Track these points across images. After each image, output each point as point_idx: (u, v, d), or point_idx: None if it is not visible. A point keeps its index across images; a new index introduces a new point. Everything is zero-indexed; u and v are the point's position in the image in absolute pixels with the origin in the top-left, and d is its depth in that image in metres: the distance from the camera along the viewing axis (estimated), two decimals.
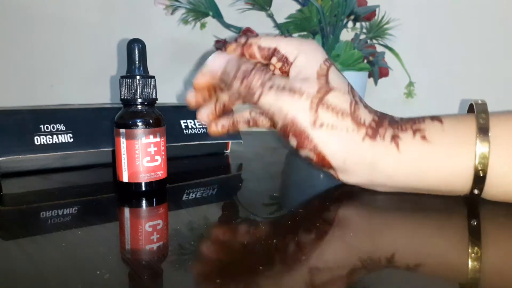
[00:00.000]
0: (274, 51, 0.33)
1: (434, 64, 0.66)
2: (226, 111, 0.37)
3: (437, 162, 0.30)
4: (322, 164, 0.32)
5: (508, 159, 0.29)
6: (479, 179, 0.29)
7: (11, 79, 0.75)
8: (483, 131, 0.29)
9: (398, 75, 0.62)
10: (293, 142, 0.32)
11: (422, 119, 0.31)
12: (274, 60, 0.33)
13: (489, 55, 0.63)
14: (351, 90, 0.32)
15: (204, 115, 0.37)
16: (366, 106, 0.32)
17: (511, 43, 0.62)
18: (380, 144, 0.30)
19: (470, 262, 0.22)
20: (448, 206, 0.31)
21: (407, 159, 0.30)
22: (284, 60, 0.33)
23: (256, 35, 0.34)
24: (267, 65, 0.34)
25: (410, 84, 0.62)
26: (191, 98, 0.36)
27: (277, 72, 0.33)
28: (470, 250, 0.24)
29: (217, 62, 0.33)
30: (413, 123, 0.31)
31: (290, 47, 0.32)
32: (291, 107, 0.31)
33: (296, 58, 0.32)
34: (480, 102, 0.31)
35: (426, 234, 0.26)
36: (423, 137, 0.30)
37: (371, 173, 0.31)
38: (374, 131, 0.31)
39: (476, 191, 0.30)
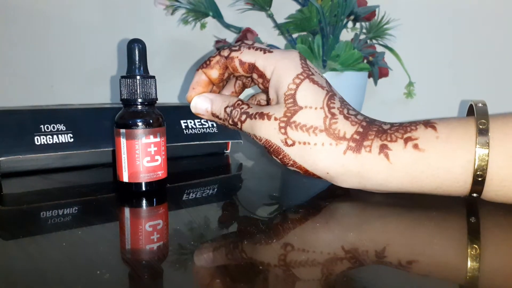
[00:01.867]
0: (254, 68, 0.34)
1: (434, 64, 0.66)
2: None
3: (432, 170, 0.29)
4: (311, 175, 0.33)
5: (507, 163, 0.28)
6: (477, 183, 0.29)
7: (12, 79, 0.75)
8: (482, 136, 0.28)
9: (398, 75, 0.62)
10: (277, 159, 0.33)
11: (414, 125, 0.30)
12: (254, 76, 0.34)
13: (489, 55, 0.63)
14: (328, 104, 0.31)
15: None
16: (347, 118, 0.31)
17: (511, 43, 0.62)
18: (366, 156, 0.30)
19: (468, 261, 0.22)
20: (447, 205, 0.31)
21: (399, 169, 0.30)
22: (263, 77, 0.33)
23: (256, 35, 0.35)
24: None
25: (410, 84, 0.62)
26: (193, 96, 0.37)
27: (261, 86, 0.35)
28: (468, 249, 0.24)
29: (203, 106, 0.36)
30: (404, 132, 0.30)
31: (267, 63, 0.33)
32: (263, 131, 0.32)
33: (271, 76, 0.33)
34: (480, 104, 0.30)
35: (424, 233, 0.26)
36: (415, 146, 0.29)
37: (361, 181, 0.31)
38: (358, 143, 0.30)
39: (474, 195, 0.30)
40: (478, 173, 0.28)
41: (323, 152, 0.31)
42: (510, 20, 0.62)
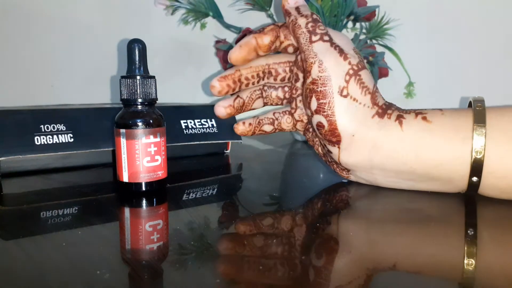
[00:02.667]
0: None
1: (434, 64, 0.66)
2: (244, 109, 0.41)
3: (436, 141, 0.31)
4: (331, 134, 0.33)
5: (505, 141, 0.30)
6: (477, 162, 0.30)
7: (12, 79, 0.75)
8: (479, 116, 0.30)
9: (398, 75, 0.62)
10: (313, 104, 0.34)
11: (423, 109, 0.34)
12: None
13: (489, 55, 0.63)
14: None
15: (222, 107, 0.40)
16: (381, 95, 0.35)
17: (511, 43, 0.62)
18: (386, 122, 0.33)
19: (468, 274, 0.22)
20: (447, 215, 0.31)
21: (408, 137, 0.32)
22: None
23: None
24: None
25: (410, 84, 0.62)
26: (217, 84, 0.38)
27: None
28: (469, 261, 0.24)
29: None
30: (416, 110, 0.34)
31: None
32: (334, 65, 0.33)
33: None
34: (477, 97, 0.33)
35: (424, 239, 0.26)
36: (424, 118, 0.32)
37: (372, 151, 0.33)
38: (383, 111, 0.33)
39: (474, 179, 0.30)
40: (477, 150, 0.30)
41: (362, 112, 0.33)
42: (510, 20, 0.62)
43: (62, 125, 0.41)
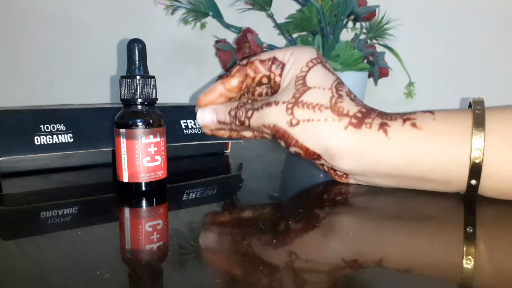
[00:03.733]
0: (273, 60, 0.36)
1: (434, 64, 0.66)
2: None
3: (428, 148, 0.30)
4: (310, 155, 0.34)
5: (503, 145, 0.29)
6: (475, 166, 0.29)
7: (11, 79, 0.75)
8: (478, 120, 0.30)
9: (398, 75, 0.62)
10: (282, 143, 0.35)
11: (412, 112, 0.32)
12: (273, 68, 0.36)
13: (489, 55, 0.63)
14: (336, 86, 0.34)
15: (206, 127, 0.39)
16: (353, 100, 0.33)
17: (511, 43, 0.62)
18: (366, 132, 0.32)
19: (466, 273, 0.22)
20: (445, 213, 0.31)
21: (396, 145, 0.31)
22: (282, 66, 0.35)
23: (256, 35, 0.36)
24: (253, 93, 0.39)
25: (410, 84, 0.62)
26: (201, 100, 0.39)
27: (268, 91, 0.39)
28: (466, 260, 0.24)
29: (208, 117, 0.38)
30: (403, 115, 0.32)
31: (285, 53, 0.36)
32: (271, 116, 0.34)
33: (288, 60, 0.35)
34: (477, 98, 0.32)
35: (420, 241, 0.26)
36: (413, 125, 0.31)
37: (359, 160, 0.32)
38: (359, 120, 0.32)
39: (473, 182, 0.30)
40: (476, 154, 0.29)
41: (325, 126, 0.32)
42: (510, 20, 0.62)
43: (62, 125, 0.41)
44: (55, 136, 0.40)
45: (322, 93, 0.33)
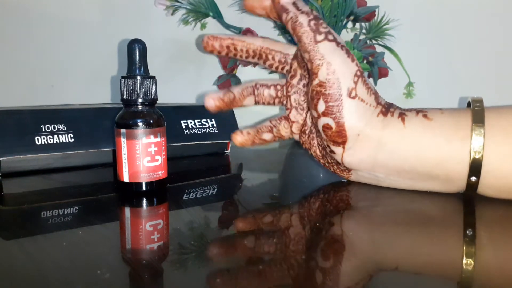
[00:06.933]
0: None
1: (434, 64, 0.66)
2: (234, 105, 0.39)
3: (436, 139, 0.31)
4: (337, 135, 0.33)
5: (504, 141, 0.30)
6: (476, 162, 0.30)
7: (12, 79, 0.75)
8: (478, 116, 0.31)
9: (398, 76, 0.62)
10: (320, 107, 0.33)
11: (423, 108, 0.34)
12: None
13: (489, 55, 0.63)
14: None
15: (211, 99, 0.38)
16: (381, 96, 0.35)
17: (510, 43, 0.62)
18: (389, 119, 0.33)
19: (467, 274, 0.22)
20: (447, 215, 0.31)
21: (410, 133, 0.32)
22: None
23: (256, 35, 0.36)
24: None
25: (410, 84, 0.62)
26: (207, 40, 0.40)
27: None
28: (467, 261, 0.24)
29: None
30: (416, 108, 0.34)
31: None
32: (342, 66, 0.32)
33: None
34: (476, 97, 0.33)
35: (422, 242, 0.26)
36: (425, 116, 0.33)
37: (376, 149, 0.33)
38: (386, 109, 0.34)
39: (473, 178, 0.31)
40: (476, 149, 0.30)
41: (368, 112, 0.33)
42: (509, 20, 0.62)
43: (63, 125, 0.41)
44: (55, 136, 0.40)
45: (371, 82, 0.35)
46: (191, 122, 0.48)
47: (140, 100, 0.32)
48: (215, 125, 0.50)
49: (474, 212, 0.31)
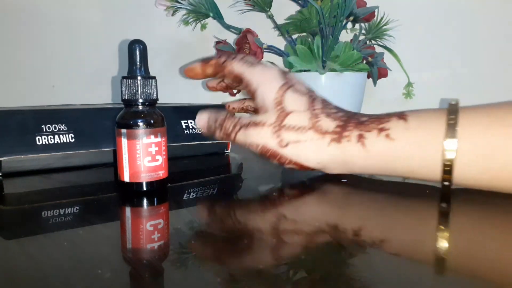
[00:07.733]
0: (241, 78, 0.38)
1: (433, 64, 0.66)
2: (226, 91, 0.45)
3: (403, 158, 0.32)
4: (304, 169, 0.36)
5: (474, 153, 0.30)
6: (446, 172, 0.31)
7: (13, 79, 0.75)
8: (450, 130, 0.31)
9: (397, 76, 0.62)
10: (274, 162, 0.37)
11: (388, 117, 0.34)
12: (241, 86, 0.39)
13: (488, 56, 0.63)
14: (312, 105, 0.36)
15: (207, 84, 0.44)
16: (328, 116, 0.35)
17: (509, 44, 0.63)
18: (347, 145, 0.34)
19: (439, 257, 0.22)
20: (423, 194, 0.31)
21: (374, 155, 0.33)
22: (248, 89, 0.38)
23: (256, 36, 0.36)
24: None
25: (409, 84, 0.62)
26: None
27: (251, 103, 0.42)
28: (440, 244, 0.24)
29: (201, 121, 0.40)
30: (379, 122, 0.34)
31: (252, 77, 0.37)
32: (258, 137, 0.36)
33: (256, 90, 0.37)
34: (453, 102, 0.33)
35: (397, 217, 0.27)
36: (387, 136, 0.33)
37: (346, 167, 0.35)
38: (339, 135, 0.34)
39: (446, 183, 0.32)
40: (447, 163, 0.31)
41: (312, 146, 0.35)
42: (509, 20, 0.62)
43: (64, 125, 0.41)
44: (56, 136, 0.40)
45: (301, 116, 0.35)
46: (191, 122, 0.48)
47: (140, 100, 0.32)
48: None
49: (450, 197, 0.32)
